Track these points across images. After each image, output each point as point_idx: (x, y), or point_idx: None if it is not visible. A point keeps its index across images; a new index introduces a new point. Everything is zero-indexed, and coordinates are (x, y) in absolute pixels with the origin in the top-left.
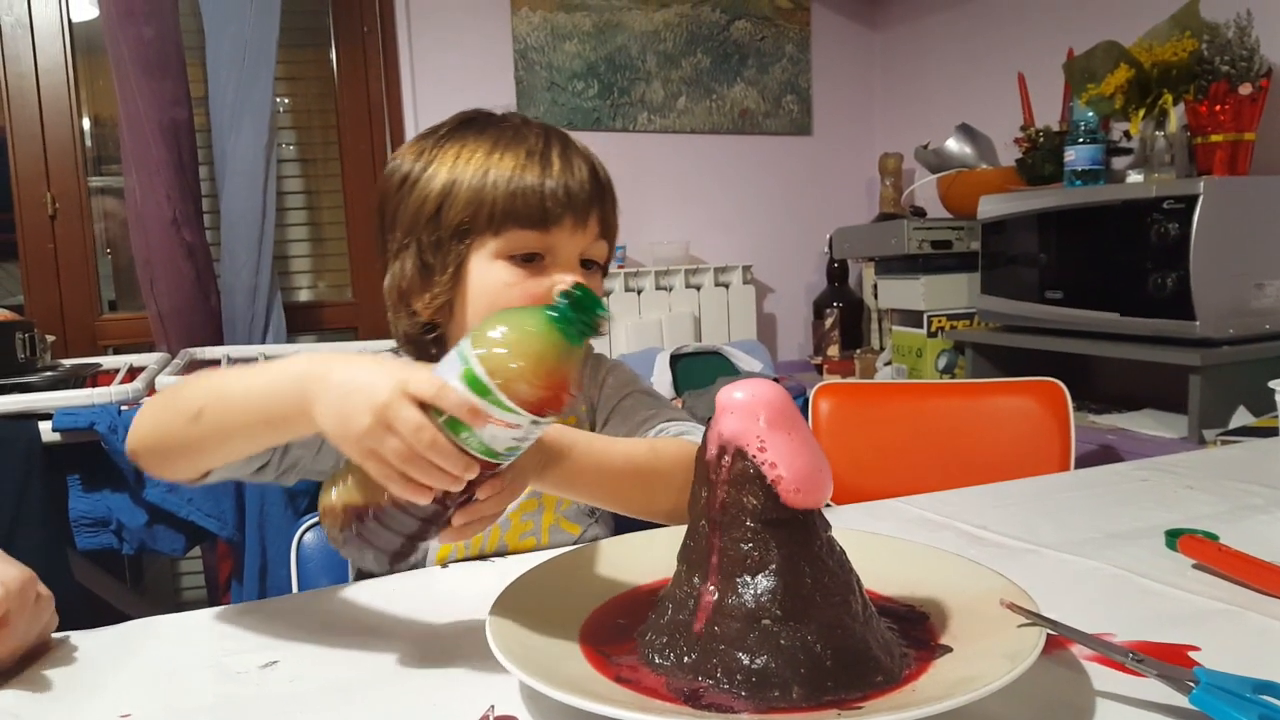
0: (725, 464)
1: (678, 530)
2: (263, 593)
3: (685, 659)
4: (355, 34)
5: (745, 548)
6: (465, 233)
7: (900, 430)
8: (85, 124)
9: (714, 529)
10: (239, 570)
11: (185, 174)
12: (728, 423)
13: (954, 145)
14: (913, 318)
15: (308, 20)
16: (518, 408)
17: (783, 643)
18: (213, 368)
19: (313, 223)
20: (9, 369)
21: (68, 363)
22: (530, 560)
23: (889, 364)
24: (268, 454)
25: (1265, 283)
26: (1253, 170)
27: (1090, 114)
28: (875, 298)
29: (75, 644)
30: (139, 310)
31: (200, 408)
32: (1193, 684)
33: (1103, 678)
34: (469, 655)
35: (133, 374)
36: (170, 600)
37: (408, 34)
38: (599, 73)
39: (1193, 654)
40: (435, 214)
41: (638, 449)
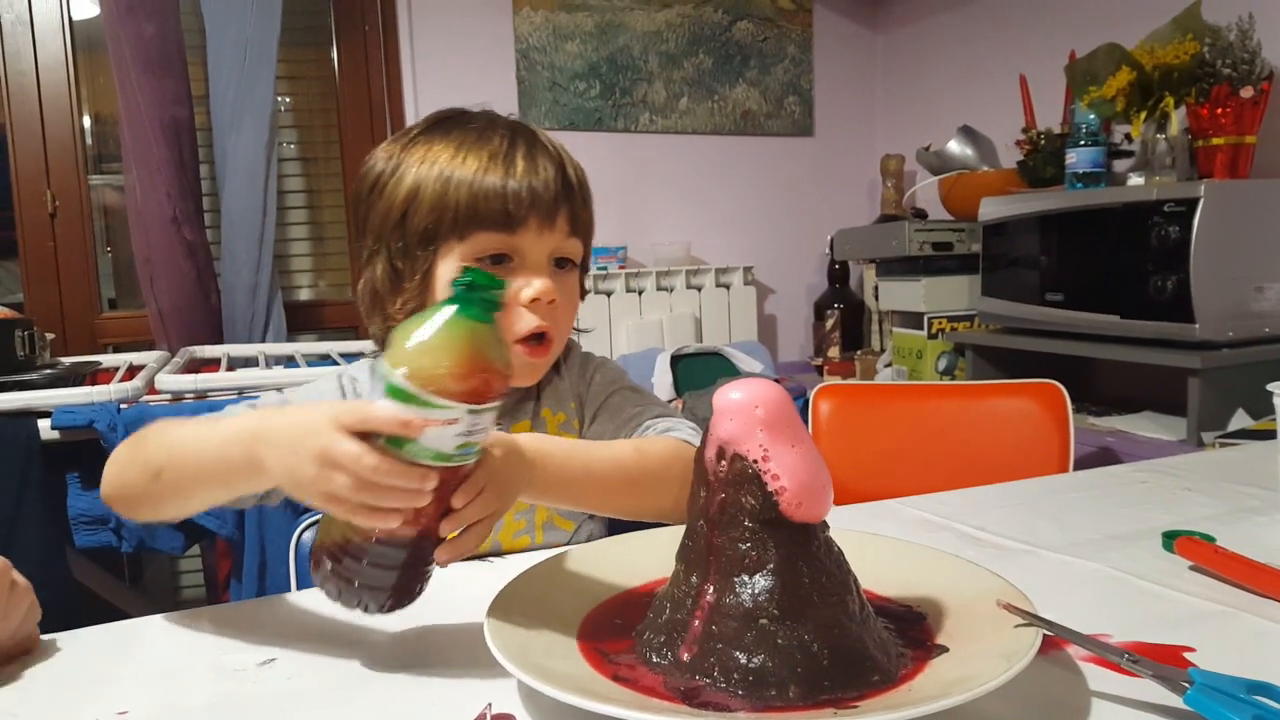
0: (724, 464)
1: (676, 530)
2: (261, 591)
3: (683, 658)
4: (357, 33)
5: (743, 547)
6: (431, 238)
7: (900, 431)
8: (86, 122)
9: (712, 529)
10: (238, 569)
11: (186, 172)
12: (728, 425)
13: (955, 147)
14: (913, 319)
15: (309, 19)
16: (446, 401)
17: (780, 642)
18: (174, 421)
19: (313, 222)
20: (8, 367)
21: (67, 361)
22: (528, 559)
23: (889, 365)
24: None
25: (1265, 286)
26: (1253, 173)
27: (1092, 116)
28: (876, 299)
29: (73, 642)
30: (139, 309)
31: (159, 469)
32: (1187, 684)
33: (1098, 678)
34: (467, 653)
35: (132, 372)
36: (169, 598)
37: (409, 33)
38: (601, 73)
39: (1188, 655)
40: (401, 220)
41: (623, 452)
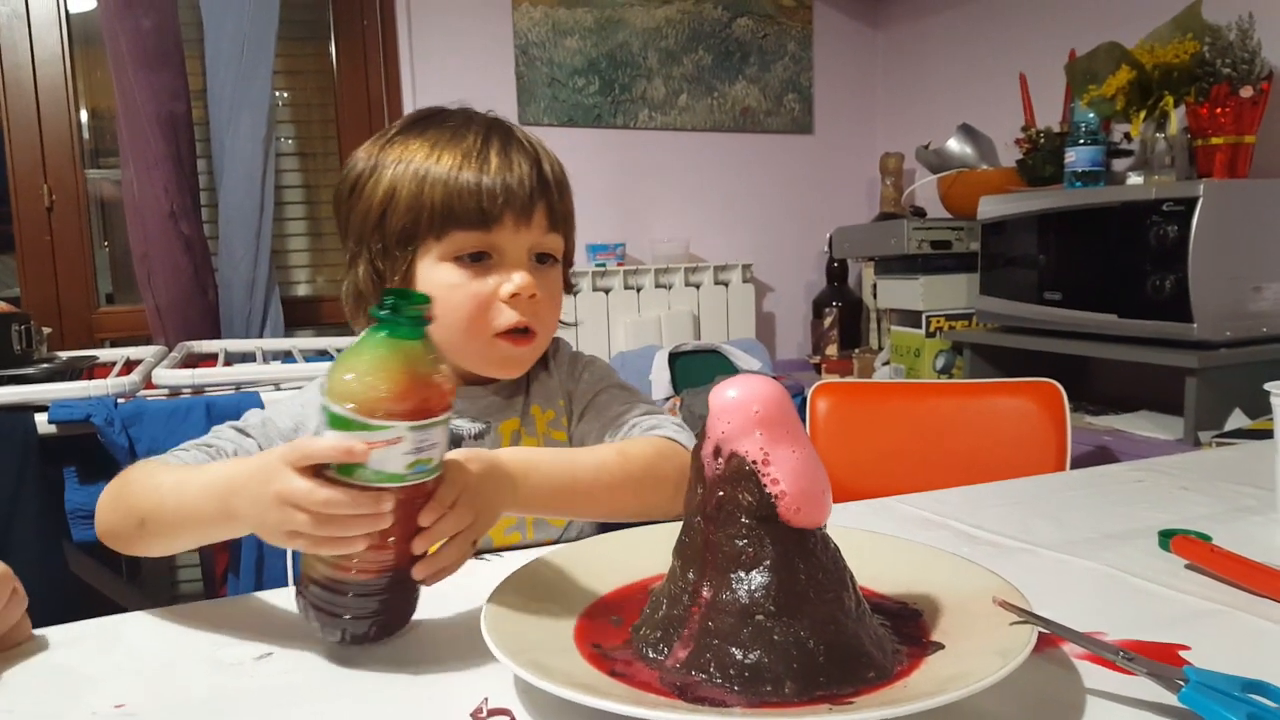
0: (721, 462)
1: (673, 526)
2: (258, 585)
3: (679, 654)
4: (355, 28)
5: (740, 544)
6: (410, 238)
7: (897, 430)
8: (83, 116)
9: (709, 525)
10: (235, 563)
11: (183, 167)
12: (725, 423)
13: (955, 145)
14: (911, 318)
15: (307, 13)
16: (385, 422)
17: (776, 638)
18: (156, 465)
19: (311, 217)
20: (5, 361)
21: (64, 355)
22: (525, 555)
23: (887, 364)
24: None
25: (1263, 286)
26: (1252, 173)
27: (1091, 115)
28: (874, 297)
29: (70, 636)
30: (136, 303)
31: (142, 518)
32: (1182, 682)
33: (1093, 675)
34: (464, 648)
35: (129, 367)
36: (166, 593)
37: (408, 28)
38: (600, 69)
39: (1183, 653)
40: (380, 221)
41: (606, 456)
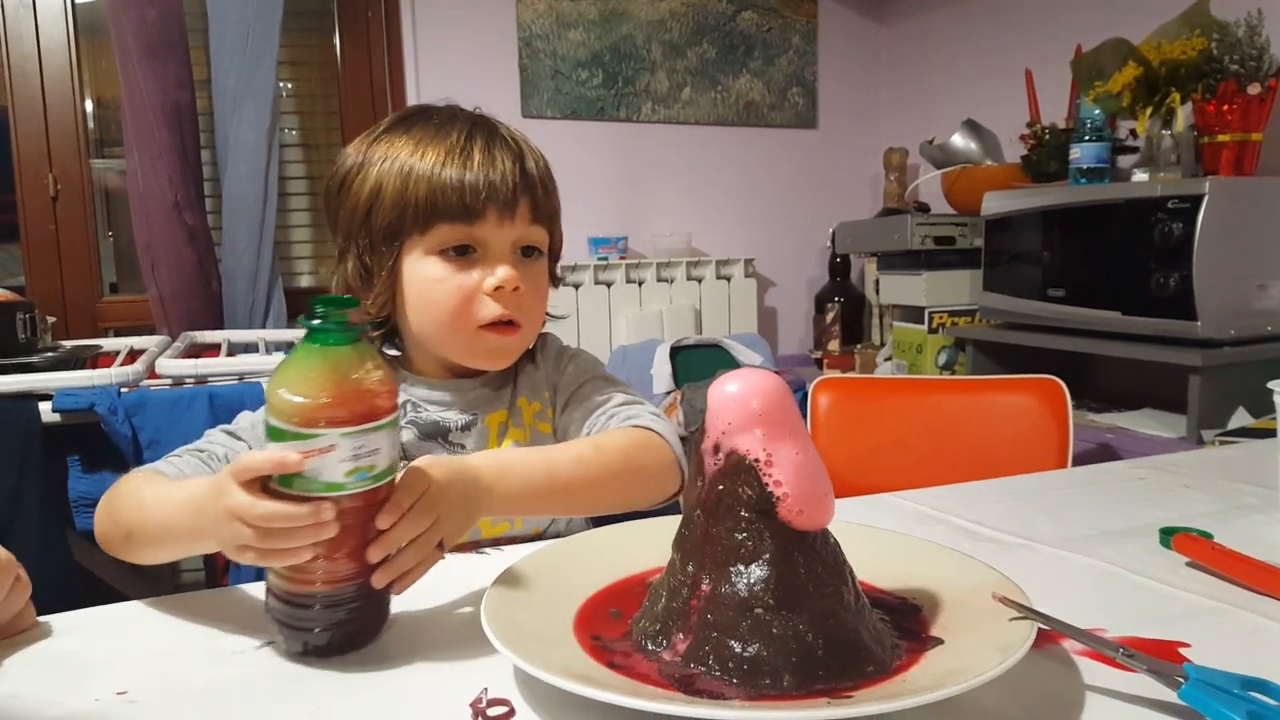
0: (721, 456)
1: (672, 519)
2: (260, 575)
3: (678, 646)
4: (359, 19)
5: (739, 538)
6: (395, 233)
7: (899, 426)
8: (88, 106)
9: (708, 519)
10: None
11: (187, 157)
12: (725, 417)
13: (959, 141)
14: (914, 313)
15: (311, 4)
16: (316, 430)
17: (775, 631)
18: (146, 476)
19: (314, 208)
20: (9, 349)
21: (68, 344)
22: (524, 548)
23: (889, 359)
24: None
25: (1268, 284)
26: (1259, 171)
27: (1097, 112)
28: (877, 293)
29: (73, 624)
30: (140, 293)
31: (128, 532)
32: (1182, 680)
33: (1093, 672)
34: (464, 639)
35: (133, 356)
36: (169, 582)
37: (412, 20)
38: (604, 62)
39: (1183, 650)
40: (366, 218)
41: (583, 451)
